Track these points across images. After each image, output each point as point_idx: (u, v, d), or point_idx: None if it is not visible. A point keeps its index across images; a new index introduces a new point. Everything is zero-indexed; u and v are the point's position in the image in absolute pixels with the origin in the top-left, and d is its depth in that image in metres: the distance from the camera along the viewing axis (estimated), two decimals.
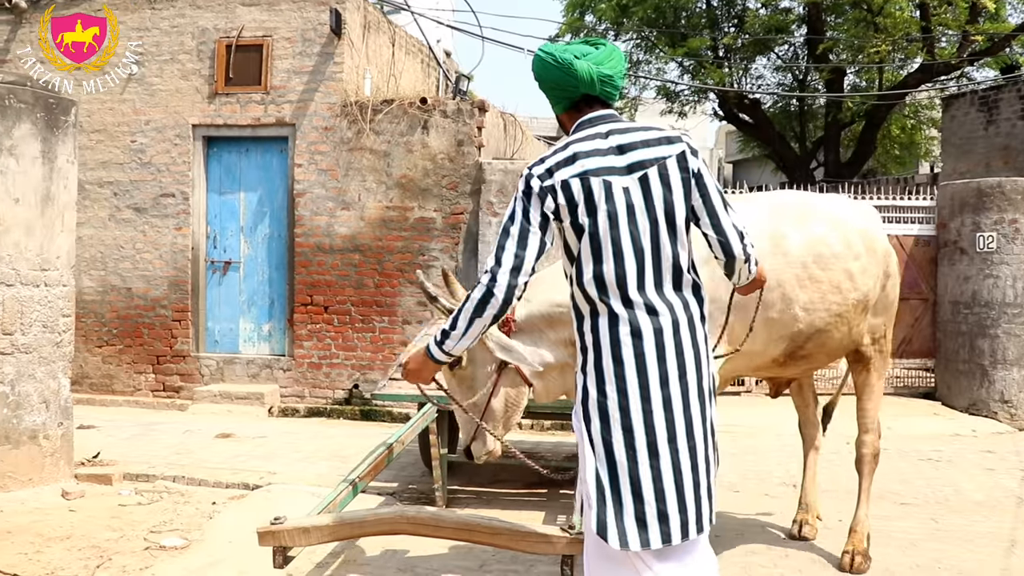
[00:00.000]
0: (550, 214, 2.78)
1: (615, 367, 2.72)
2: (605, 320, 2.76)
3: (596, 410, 2.74)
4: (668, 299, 2.79)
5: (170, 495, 6.39)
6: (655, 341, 2.73)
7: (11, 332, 6.08)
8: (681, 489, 2.70)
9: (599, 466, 2.71)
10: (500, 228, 2.83)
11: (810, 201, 5.00)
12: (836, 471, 7.40)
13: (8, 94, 6.03)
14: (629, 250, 2.76)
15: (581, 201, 2.76)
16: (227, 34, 10.34)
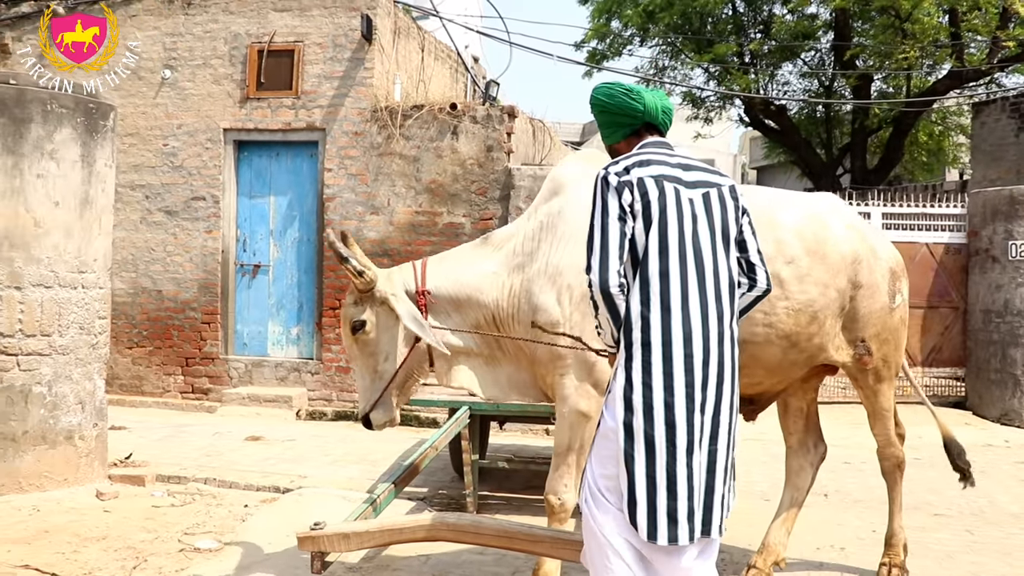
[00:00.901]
0: (627, 207, 2.92)
1: (664, 365, 2.82)
2: (658, 317, 2.85)
3: (641, 403, 2.80)
4: (721, 308, 2.91)
5: (202, 497, 6.43)
6: (703, 346, 2.85)
7: (49, 333, 6.15)
8: (711, 490, 2.82)
9: (637, 458, 2.78)
10: (589, 231, 2.98)
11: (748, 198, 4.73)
12: (868, 480, 7.35)
13: (50, 99, 6.10)
14: (690, 255, 2.90)
15: (654, 199, 2.92)
16: (259, 39, 10.41)
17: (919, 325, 11.29)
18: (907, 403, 11.11)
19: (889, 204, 11.47)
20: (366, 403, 4.18)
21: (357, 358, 4.25)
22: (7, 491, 5.94)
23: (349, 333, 4.24)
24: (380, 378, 4.15)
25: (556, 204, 4.31)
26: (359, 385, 4.28)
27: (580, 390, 4.11)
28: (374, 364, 4.16)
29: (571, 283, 4.08)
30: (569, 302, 4.08)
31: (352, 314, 4.24)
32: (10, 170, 5.97)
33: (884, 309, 4.59)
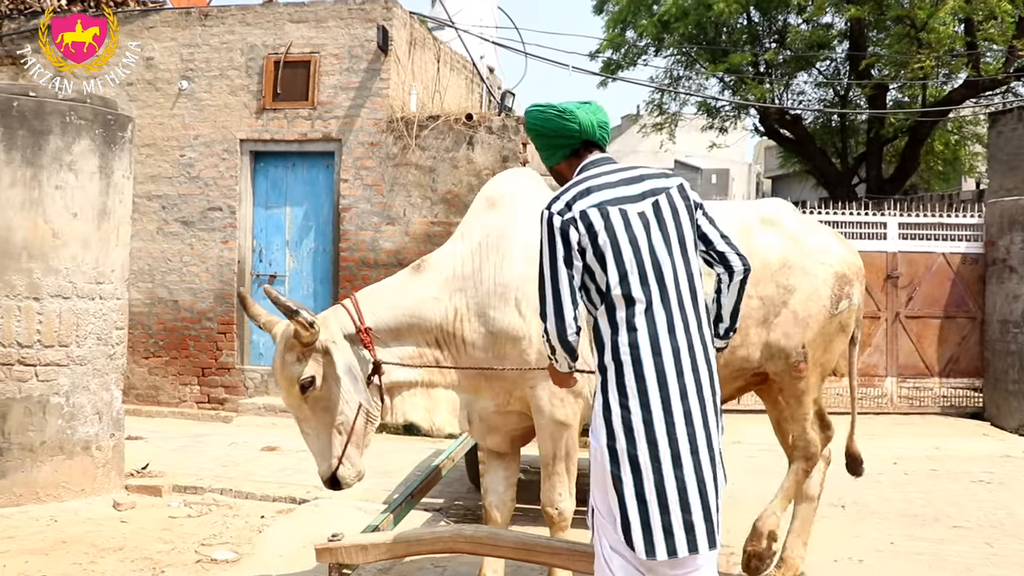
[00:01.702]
0: (574, 245, 2.92)
1: (637, 383, 2.81)
2: (626, 339, 2.85)
3: (621, 425, 2.80)
4: (686, 316, 2.90)
5: (219, 508, 6.45)
6: (674, 358, 2.84)
7: (67, 344, 6.18)
8: (705, 499, 2.80)
9: (624, 479, 2.77)
10: (538, 275, 3.00)
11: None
12: (886, 492, 7.32)
13: (69, 111, 6.15)
14: (650, 273, 2.90)
15: (601, 229, 2.91)
16: (275, 50, 10.46)
17: (936, 335, 11.24)
18: (925, 414, 11.11)
19: (905, 214, 11.43)
20: (329, 462, 3.88)
21: (310, 419, 3.92)
22: (25, 501, 5.96)
23: (297, 394, 3.88)
24: (339, 432, 3.88)
25: (493, 221, 4.25)
26: (315, 446, 3.94)
27: (554, 399, 4.06)
28: (331, 419, 3.89)
29: (523, 295, 4.05)
30: (531, 313, 4.02)
31: (297, 373, 3.87)
32: (29, 181, 6.02)
33: (823, 314, 4.52)
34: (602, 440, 2.82)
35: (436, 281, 4.19)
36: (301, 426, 3.94)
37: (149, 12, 11.01)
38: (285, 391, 3.96)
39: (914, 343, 11.19)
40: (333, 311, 4.13)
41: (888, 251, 11.22)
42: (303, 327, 3.76)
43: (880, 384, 11.28)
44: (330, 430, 3.88)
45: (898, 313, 11.18)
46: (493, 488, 4.52)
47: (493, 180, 4.61)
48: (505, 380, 4.13)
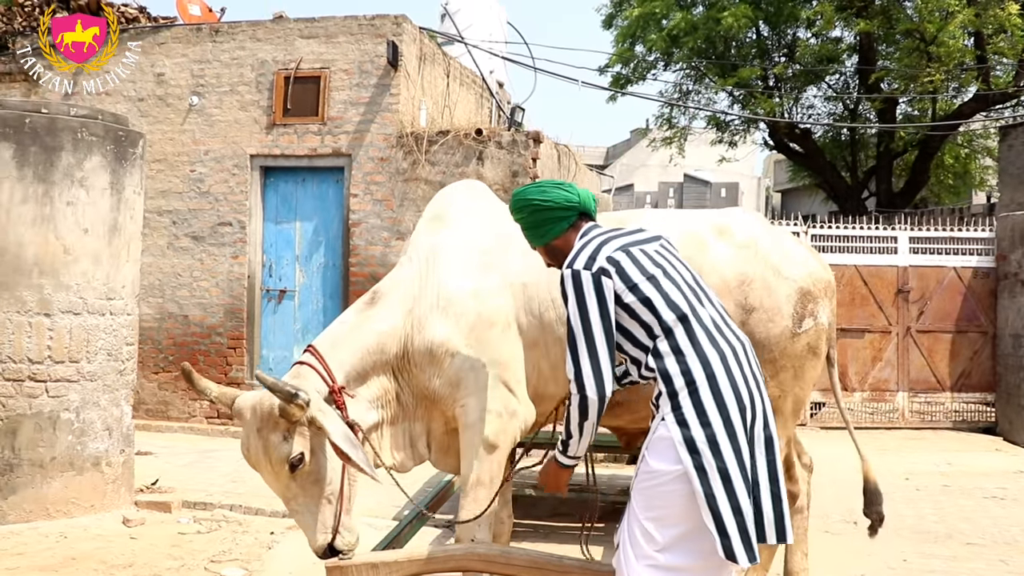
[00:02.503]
0: (609, 293, 2.99)
1: (715, 398, 2.88)
2: (695, 359, 2.94)
3: (706, 442, 2.83)
4: (731, 325, 3.11)
5: (228, 524, 6.43)
6: (738, 366, 2.97)
7: (77, 360, 6.19)
8: (778, 497, 2.95)
9: (718, 494, 2.79)
10: (566, 334, 3.04)
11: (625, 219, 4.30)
12: (899, 508, 7.26)
13: (80, 127, 6.17)
14: (689, 293, 3.05)
15: (632, 267, 3.02)
16: (285, 66, 10.50)
17: (947, 350, 11.19)
18: (937, 429, 11.05)
19: (916, 228, 11.39)
20: (325, 534, 3.62)
21: (299, 495, 3.63)
22: (35, 517, 5.96)
23: (286, 474, 3.58)
24: (330, 501, 3.63)
25: (438, 237, 4.12)
26: (305, 522, 3.66)
27: (487, 416, 3.83)
28: (320, 491, 3.62)
29: (464, 310, 3.90)
30: (467, 328, 3.88)
31: (285, 453, 3.55)
32: (40, 198, 6.04)
33: (784, 334, 4.09)
34: (686, 461, 2.83)
35: (392, 310, 3.98)
36: (289, 505, 3.68)
37: (160, 28, 11.06)
38: (271, 474, 3.62)
39: (925, 357, 11.14)
40: (301, 374, 3.80)
41: (899, 265, 11.19)
42: (300, 408, 3.47)
43: (891, 399, 11.23)
44: (320, 502, 3.63)
45: (909, 327, 11.13)
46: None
47: (438, 196, 4.41)
48: (441, 401, 3.93)
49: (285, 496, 3.66)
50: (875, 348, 11.16)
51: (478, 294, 3.93)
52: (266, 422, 3.56)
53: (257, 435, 3.58)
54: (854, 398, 11.23)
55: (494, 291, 3.94)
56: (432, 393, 3.94)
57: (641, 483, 2.96)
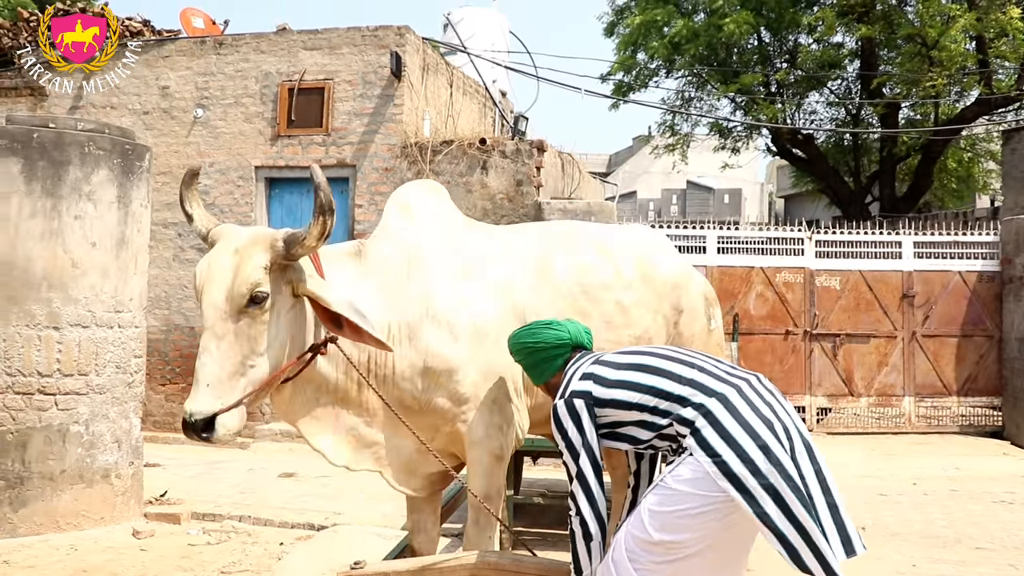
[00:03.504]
0: (586, 412, 3.08)
1: (735, 419, 2.85)
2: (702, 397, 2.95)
3: (741, 465, 2.78)
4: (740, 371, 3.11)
5: (237, 535, 6.44)
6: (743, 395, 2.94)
7: (86, 373, 6.21)
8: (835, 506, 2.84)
9: (771, 513, 2.73)
10: (565, 464, 3.12)
11: (578, 228, 4.48)
12: (906, 513, 7.27)
13: (88, 141, 6.20)
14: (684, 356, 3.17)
15: (608, 369, 3.15)
16: (289, 78, 10.56)
17: (953, 354, 11.19)
18: (944, 433, 11.04)
19: (920, 232, 11.40)
20: (219, 400, 3.11)
21: (226, 337, 3.17)
22: (45, 530, 5.98)
23: (238, 304, 3.18)
24: (245, 375, 3.19)
25: (412, 236, 3.86)
26: (208, 372, 3.13)
27: (490, 430, 3.76)
28: (245, 354, 3.19)
29: (456, 320, 3.73)
30: (464, 340, 3.74)
31: (255, 279, 3.20)
32: (49, 212, 6.07)
33: (704, 331, 4.50)
34: (729, 489, 2.77)
35: (376, 282, 3.72)
36: (208, 345, 3.16)
37: (164, 41, 11.12)
38: (223, 295, 3.19)
39: (931, 362, 11.14)
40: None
41: (904, 270, 11.19)
42: (320, 236, 3.24)
43: (898, 403, 11.22)
44: (239, 363, 3.19)
45: (914, 332, 11.13)
46: (421, 527, 4.13)
47: (403, 190, 4.12)
48: (434, 414, 3.73)
49: (214, 330, 3.18)
50: (880, 353, 11.16)
51: (468, 303, 3.79)
52: (258, 244, 3.26)
53: (236, 253, 3.24)
54: (860, 403, 11.23)
55: (479, 299, 3.82)
56: (424, 405, 3.72)
57: (662, 505, 2.89)
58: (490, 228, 4.37)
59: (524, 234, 4.26)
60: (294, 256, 3.28)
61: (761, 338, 10.96)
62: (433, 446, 3.73)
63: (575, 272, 4.05)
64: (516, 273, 3.94)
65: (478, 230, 4.21)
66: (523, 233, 4.29)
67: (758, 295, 10.99)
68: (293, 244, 3.24)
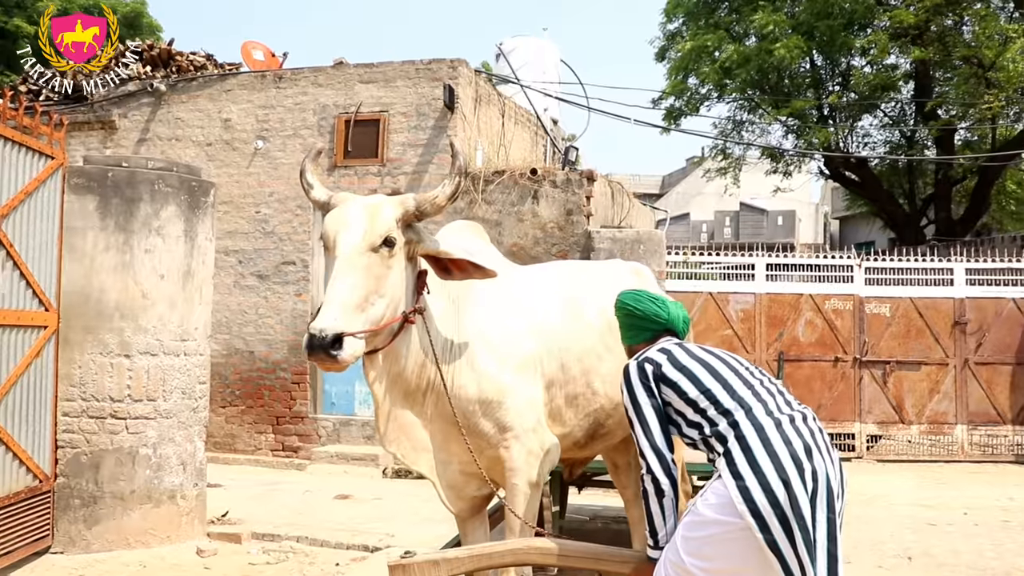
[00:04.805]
0: (651, 378, 3.24)
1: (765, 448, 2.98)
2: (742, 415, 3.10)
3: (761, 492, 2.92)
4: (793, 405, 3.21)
5: (295, 555, 6.68)
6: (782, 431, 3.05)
7: (154, 399, 6.52)
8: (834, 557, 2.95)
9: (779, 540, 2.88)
10: (630, 425, 3.26)
11: (591, 268, 4.94)
12: (955, 544, 7.25)
13: (157, 179, 6.54)
14: (745, 372, 3.27)
15: (683, 353, 3.29)
16: (346, 110, 10.89)
17: (1007, 382, 11.11)
18: (998, 462, 10.95)
19: (973, 259, 11.36)
20: (348, 322, 3.26)
21: (358, 268, 3.38)
22: (116, 547, 6.28)
23: (372, 242, 3.42)
24: (365, 311, 3.38)
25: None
26: (340, 296, 3.31)
27: (530, 459, 3.95)
28: (370, 290, 3.40)
29: (507, 353, 3.99)
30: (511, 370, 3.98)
31: (389, 225, 3.48)
32: (121, 246, 6.41)
33: None
34: (745, 514, 2.91)
35: (443, 303, 3.93)
36: (341, 271, 3.37)
37: (227, 76, 11.54)
38: (360, 230, 3.44)
39: (984, 390, 11.07)
40: None
41: (955, 297, 11.16)
42: (451, 195, 3.59)
43: (950, 431, 11.17)
44: (363, 301, 3.37)
45: (967, 359, 11.08)
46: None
47: (454, 226, 4.40)
48: (479, 437, 3.90)
49: (349, 260, 3.39)
50: (932, 380, 11.12)
51: (515, 338, 4.07)
52: (389, 201, 3.59)
53: (369, 205, 3.54)
54: (911, 430, 11.19)
55: (524, 335, 4.10)
56: (471, 428, 3.91)
57: (691, 531, 3.05)
58: (520, 267, 4.67)
59: (551, 274, 4.57)
60: (422, 213, 3.57)
61: (810, 365, 10.99)
62: (471, 469, 3.95)
63: (601, 312, 4.31)
64: (551, 312, 4.24)
65: (513, 268, 4.51)
66: (550, 273, 4.60)
67: (807, 322, 11.04)
68: (424, 202, 3.58)
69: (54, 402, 6.26)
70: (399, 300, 3.56)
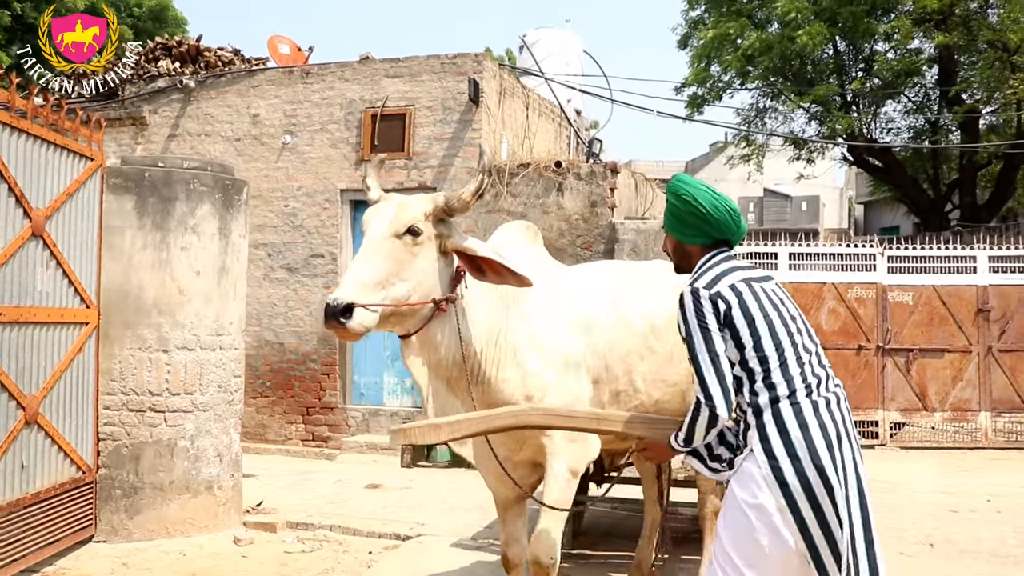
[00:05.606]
0: (721, 317, 3.12)
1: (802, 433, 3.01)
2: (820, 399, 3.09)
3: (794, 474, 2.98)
4: (831, 380, 3.21)
5: (329, 544, 6.87)
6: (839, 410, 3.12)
7: (192, 392, 6.72)
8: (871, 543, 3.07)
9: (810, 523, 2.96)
10: (688, 350, 3.17)
11: (635, 269, 5.12)
12: (977, 530, 7.32)
13: (192, 178, 6.72)
14: (798, 337, 3.17)
15: (753, 301, 3.14)
16: (372, 104, 11.04)
17: None
18: (1022, 448, 10.98)
19: (996, 247, 11.38)
20: (359, 296, 3.49)
21: (380, 252, 3.64)
22: (156, 536, 6.50)
23: (398, 229, 3.68)
24: (385, 289, 3.60)
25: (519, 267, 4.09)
26: (358, 273, 3.58)
27: (571, 447, 4.15)
28: (391, 272, 3.62)
29: (553, 352, 4.20)
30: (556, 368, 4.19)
31: (416, 217, 3.72)
32: (158, 244, 6.60)
33: None
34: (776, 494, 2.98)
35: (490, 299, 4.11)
36: (365, 253, 3.67)
37: (255, 72, 11.71)
38: (387, 219, 3.71)
39: (1008, 377, 11.10)
40: None
41: (979, 284, 11.18)
42: (475, 192, 3.75)
43: (973, 418, 11.21)
44: (383, 280, 3.59)
45: (990, 347, 11.11)
46: (515, 538, 4.50)
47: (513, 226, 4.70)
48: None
49: (373, 244, 3.67)
50: (955, 368, 11.17)
51: (560, 336, 4.28)
52: (421, 198, 3.84)
53: (406, 200, 3.84)
54: (934, 418, 11.25)
55: (569, 334, 4.31)
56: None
57: (728, 517, 3.12)
58: (567, 267, 4.91)
59: (597, 275, 4.77)
60: (451, 209, 3.79)
61: (833, 353, 11.04)
62: (521, 456, 4.24)
63: (645, 314, 4.56)
64: (598, 313, 4.42)
65: (560, 268, 4.75)
66: (596, 274, 4.80)
67: (830, 310, 11.11)
68: (451, 199, 3.78)
69: (95, 396, 6.46)
70: (427, 287, 3.74)
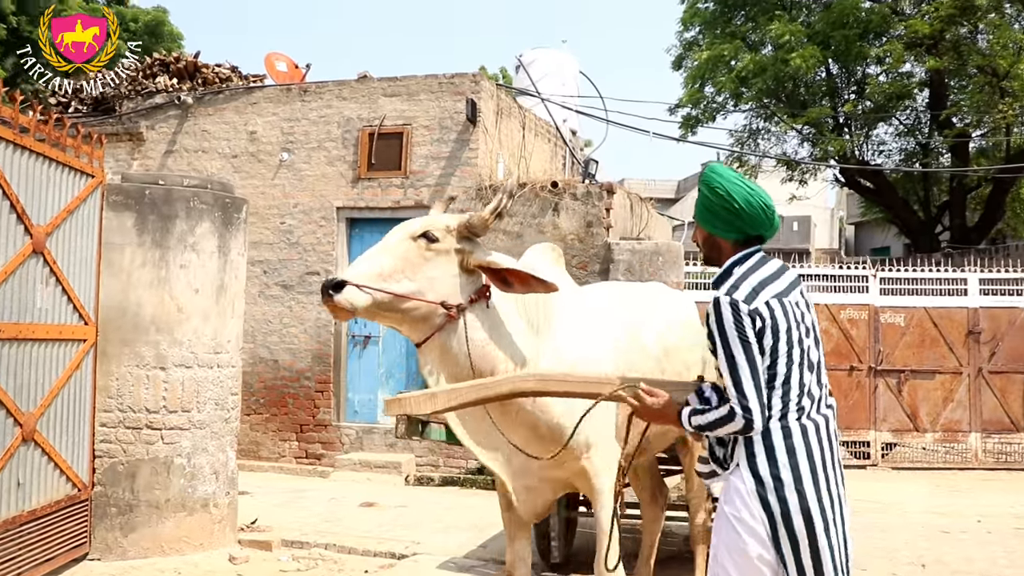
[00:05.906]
0: (756, 332, 3.04)
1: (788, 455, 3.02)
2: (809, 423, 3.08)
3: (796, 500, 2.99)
4: (826, 404, 3.17)
5: (324, 562, 6.88)
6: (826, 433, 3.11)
7: (189, 410, 6.73)
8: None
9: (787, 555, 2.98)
10: (725, 359, 3.07)
11: (641, 292, 5.32)
12: (968, 551, 7.37)
13: (193, 196, 6.76)
14: (808, 351, 3.10)
15: (781, 317, 3.06)
16: (370, 123, 11.10)
17: (1021, 390, 11.27)
18: (1012, 470, 11.05)
19: (986, 270, 11.48)
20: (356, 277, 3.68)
21: (392, 251, 3.80)
22: (151, 554, 6.49)
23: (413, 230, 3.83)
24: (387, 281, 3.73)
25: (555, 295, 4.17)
26: (363, 261, 3.78)
27: (612, 467, 4.28)
28: (398, 269, 3.76)
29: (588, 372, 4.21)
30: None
31: (435, 226, 3.86)
32: (157, 262, 6.62)
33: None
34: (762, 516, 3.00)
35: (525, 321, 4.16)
36: (377, 249, 3.83)
37: (253, 89, 11.77)
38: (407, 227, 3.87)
39: (998, 398, 11.19)
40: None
41: (969, 307, 11.28)
42: (493, 211, 3.83)
43: (964, 439, 11.29)
44: (389, 274, 3.74)
45: (980, 368, 11.20)
46: (521, 557, 4.51)
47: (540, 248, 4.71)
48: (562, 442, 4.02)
49: (387, 243, 3.83)
50: (946, 389, 11.25)
51: (593, 359, 4.31)
52: (451, 216, 3.97)
53: (429, 217, 4.00)
54: (925, 438, 11.32)
55: (599, 355, 4.36)
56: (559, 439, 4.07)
57: (720, 530, 3.13)
58: (582, 289, 5.03)
59: (609, 298, 4.90)
60: (472, 226, 3.88)
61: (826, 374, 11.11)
62: (548, 475, 4.31)
63: (657, 337, 4.75)
64: (617, 335, 4.53)
65: (579, 291, 4.85)
66: (607, 297, 4.94)
67: (823, 331, 10.98)
68: (473, 217, 3.89)
69: (92, 413, 6.45)
70: (436, 293, 3.81)
